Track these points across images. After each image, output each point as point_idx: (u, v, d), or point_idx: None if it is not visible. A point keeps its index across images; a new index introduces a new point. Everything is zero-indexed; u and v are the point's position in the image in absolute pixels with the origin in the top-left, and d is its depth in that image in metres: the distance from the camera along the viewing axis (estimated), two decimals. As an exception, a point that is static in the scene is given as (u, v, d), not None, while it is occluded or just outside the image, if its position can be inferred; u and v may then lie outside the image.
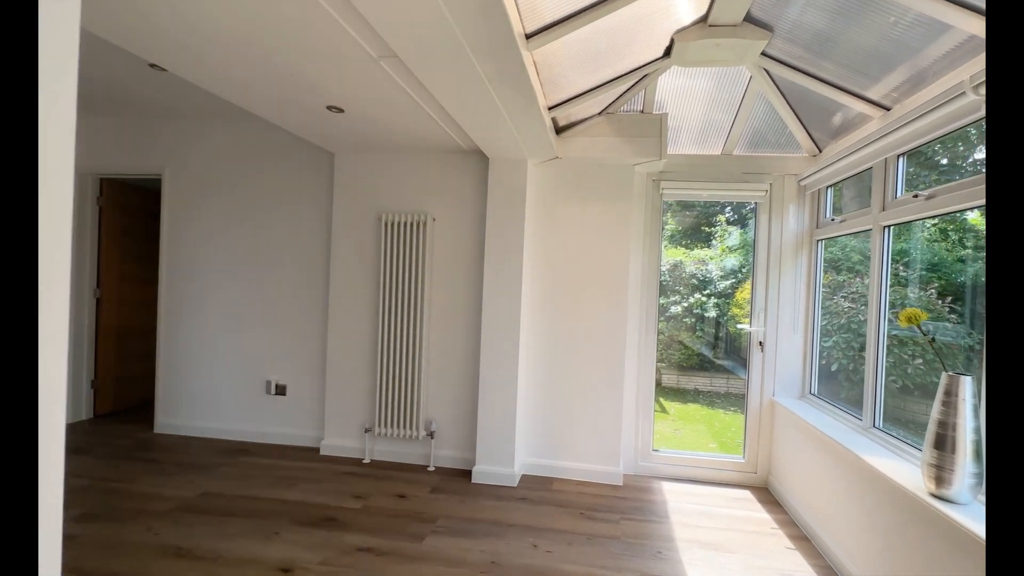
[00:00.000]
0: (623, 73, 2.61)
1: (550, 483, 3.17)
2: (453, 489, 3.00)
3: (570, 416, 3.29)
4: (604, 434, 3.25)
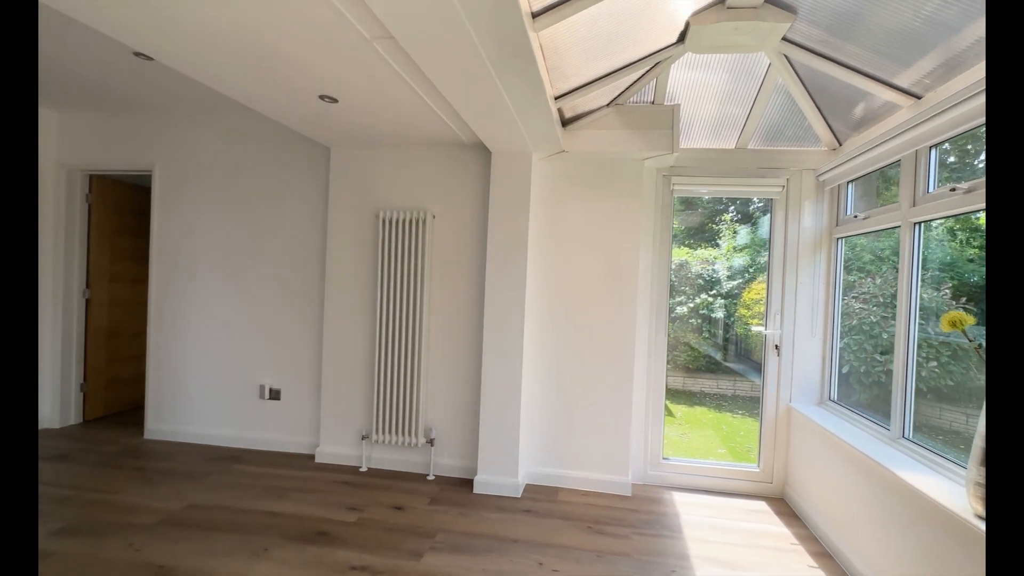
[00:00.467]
0: (634, 60, 2.45)
1: (556, 493, 3.01)
2: (453, 500, 2.85)
3: (576, 423, 3.13)
4: (612, 442, 3.10)
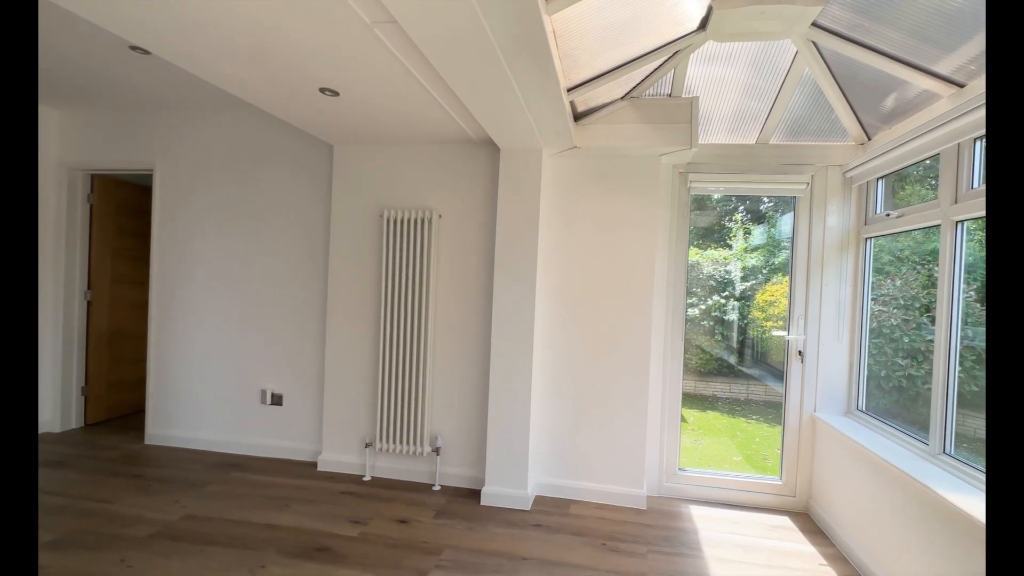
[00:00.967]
0: (652, 49, 2.31)
1: (567, 506, 2.87)
2: (460, 513, 2.72)
3: (589, 432, 2.99)
4: (626, 452, 2.95)
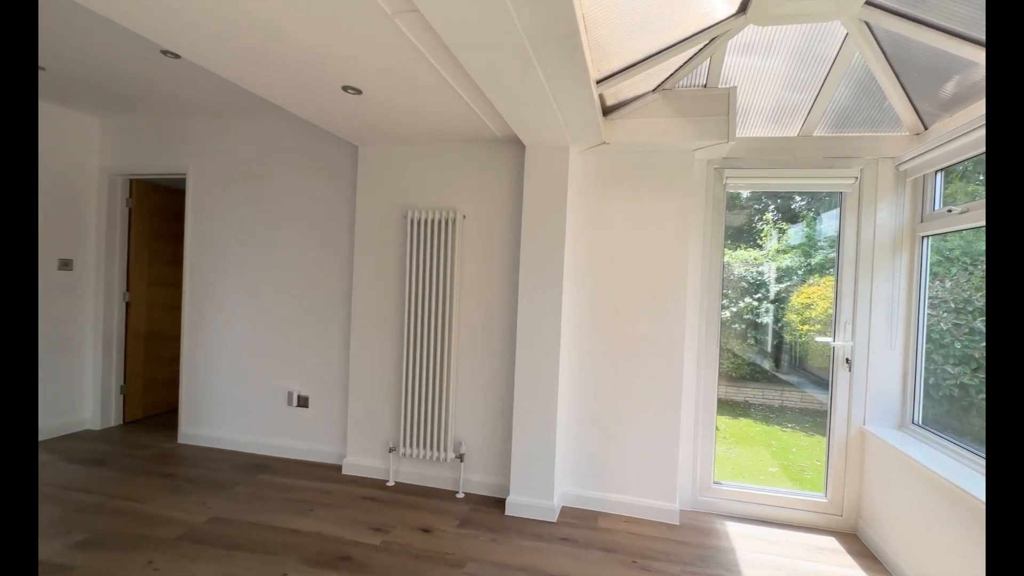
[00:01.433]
0: (687, 36, 2.18)
1: (595, 519, 2.75)
2: (484, 523, 2.64)
3: (618, 441, 2.86)
4: (658, 463, 2.81)
